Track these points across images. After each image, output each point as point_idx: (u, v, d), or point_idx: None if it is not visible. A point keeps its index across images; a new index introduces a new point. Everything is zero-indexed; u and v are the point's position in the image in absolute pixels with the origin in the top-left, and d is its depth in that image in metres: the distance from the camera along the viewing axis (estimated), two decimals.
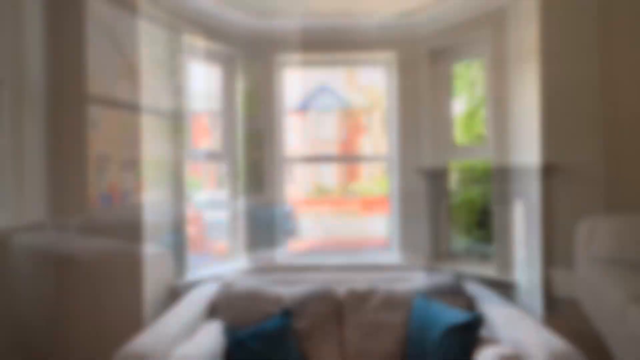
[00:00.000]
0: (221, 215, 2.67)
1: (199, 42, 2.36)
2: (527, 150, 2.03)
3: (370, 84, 5.88)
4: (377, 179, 6.37)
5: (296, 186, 6.32)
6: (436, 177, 2.55)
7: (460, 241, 2.64)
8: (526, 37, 2.01)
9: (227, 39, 2.45)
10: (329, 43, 2.56)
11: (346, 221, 6.08)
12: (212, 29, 2.37)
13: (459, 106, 2.56)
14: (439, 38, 2.44)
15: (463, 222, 2.64)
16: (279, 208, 2.63)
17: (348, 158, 2.85)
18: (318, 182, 6.32)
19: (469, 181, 2.68)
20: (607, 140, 1.87)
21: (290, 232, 4.37)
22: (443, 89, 2.55)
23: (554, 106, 1.92)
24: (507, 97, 2.18)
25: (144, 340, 1.56)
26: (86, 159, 1.86)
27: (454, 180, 2.68)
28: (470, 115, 2.52)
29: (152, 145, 2.10)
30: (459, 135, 2.58)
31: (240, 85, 2.52)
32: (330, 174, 6.50)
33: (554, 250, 1.93)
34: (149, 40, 2.06)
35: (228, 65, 2.58)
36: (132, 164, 2.02)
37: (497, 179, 2.22)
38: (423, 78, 2.53)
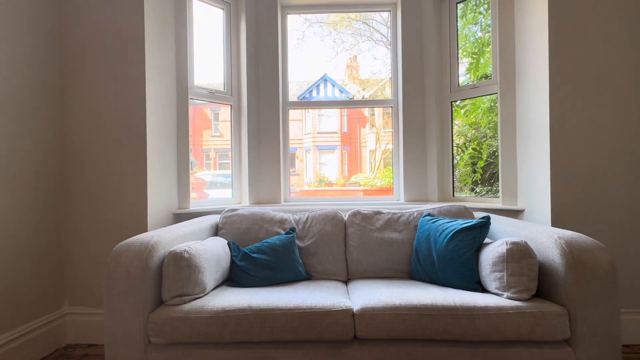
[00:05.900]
0: (224, 194, 2.68)
1: None
2: (535, 82, 2.05)
3: (371, 76, 6.03)
4: (379, 171, 6.38)
5: (299, 178, 6.34)
6: (441, 122, 2.58)
7: (464, 194, 2.63)
8: None
9: None
10: None
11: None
12: None
13: (465, 47, 2.57)
14: None
15: (468, 177, 2.63)
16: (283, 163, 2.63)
17: (352, 102, 2.87)
18: (320, 174, 6.33)
19: (473, 138, 2.69)
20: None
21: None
22: (448, 30, 2.60)
23: (563, 34, 1.96)
24: (514, 31, 2.23)
25: (148, 234, 1.54)
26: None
27: (458, 134, 2.69)
28: (477, 56, 2.52)
29: (157, 83, 2.16)
30: (466, 75, 2.59)
31: (243, 28, 2.58)
32: (332, 167, 6.52)
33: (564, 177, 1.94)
34: None
35: (231, 7, 2.62)
36: None
37: (504, 110, 2.25)
38: (428, 18, 2.58)
